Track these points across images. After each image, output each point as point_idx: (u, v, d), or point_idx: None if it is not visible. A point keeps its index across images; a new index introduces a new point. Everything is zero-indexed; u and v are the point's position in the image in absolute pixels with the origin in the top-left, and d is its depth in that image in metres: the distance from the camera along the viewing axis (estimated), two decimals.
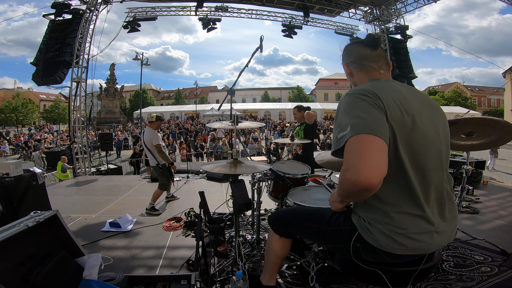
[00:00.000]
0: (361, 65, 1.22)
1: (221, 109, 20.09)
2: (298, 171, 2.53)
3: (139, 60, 19.08)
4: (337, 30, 10.64)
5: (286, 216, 1.49)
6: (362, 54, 1.22)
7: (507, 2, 7.40)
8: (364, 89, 1.03)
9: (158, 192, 4.13)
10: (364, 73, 1.22)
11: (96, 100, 26.77)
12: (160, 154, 4.04)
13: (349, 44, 1.31)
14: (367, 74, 1.21)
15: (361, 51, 1.23)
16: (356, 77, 1.26)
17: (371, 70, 1.21)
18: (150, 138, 4.02)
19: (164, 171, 4.10)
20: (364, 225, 1.11)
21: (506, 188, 5.23)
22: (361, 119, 0.95)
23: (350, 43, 1.31)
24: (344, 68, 1.32)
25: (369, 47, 1.22)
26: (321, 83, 46.35)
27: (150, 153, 4.09)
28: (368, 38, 1.23)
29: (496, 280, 2.05)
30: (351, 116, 0.97)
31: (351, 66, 1.26)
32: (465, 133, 2.65)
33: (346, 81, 38.36)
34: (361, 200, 1.11)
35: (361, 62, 1.22)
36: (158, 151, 4.02)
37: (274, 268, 1.65)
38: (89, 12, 7.23)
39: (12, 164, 2.98)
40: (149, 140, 4.02)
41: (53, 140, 18.30)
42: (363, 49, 1.22)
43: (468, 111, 10.63)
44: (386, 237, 1.05)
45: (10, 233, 1.37)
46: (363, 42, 1.24)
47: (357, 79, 1.25)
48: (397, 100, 1.02)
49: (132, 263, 2.45)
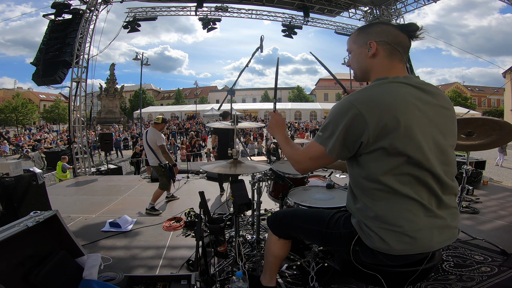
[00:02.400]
0: (394, 50, 1.09)
1: (221, 109, 20.08)
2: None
3: (139, 60, 19.12)
4: (337, 30, 10.64)
5: (285, 218, 1.47)
6: (401, 40, 1.10)
7: (507, 2, 7.39)
8: (362, 101, 0.99)
9: (159, 192, 4.15)
10: (389, 61, 1.10)
11: (96, 100, 26.75)
12: (164, 155, 4.10)
13: (384, 23, 1.16)
14: (391, 63, 1.10)
15: (400, 36, 1.10)
16: (378, 61, 1.11)
17: (398, 61, 1.10)
18: (154, 139, 4.06)
19: (166, 171, 4.14)
20: (363, 228, 1.10)
21: (506, 188, 5.23)
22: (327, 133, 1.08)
23: (385, 23, 1.17)
24: (363, 45, 1.13)
25: (409, 36, 1.12)
26: (321, 83, 46.33)
27: (152, 153, 4.12)
28: (412, 27, 1.11)
29: (496, 280, 2.05)
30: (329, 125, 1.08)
31: (381, 46, 1.09)
32: (465, 133, 2.65)
33: (347, 81, 38.13)
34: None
35: (396, 47, 1.09)
36: (162, 152, 4.08)
37: (274, 269, 1.65)
38: (89, 12, 7.22)
39: (12, 164, 2.98)
40: (153, 140, 4.06)
41: (53, 140, 18.29)
42: (403, 35, 1.10)
43: (468, 111, 10.65)
44: (386, 239, 1.04)
45: (10, 233, 1.37)
46: (405, 27, 1.12)
47: (377, 64, 1.11)
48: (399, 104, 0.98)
49: (132, 263, 2.45)
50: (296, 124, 22.88)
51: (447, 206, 1.08)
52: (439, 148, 1.04)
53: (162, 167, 4.12)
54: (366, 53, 1.12)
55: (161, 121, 4.23)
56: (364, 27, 1.17)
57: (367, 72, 1.15)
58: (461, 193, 2.87)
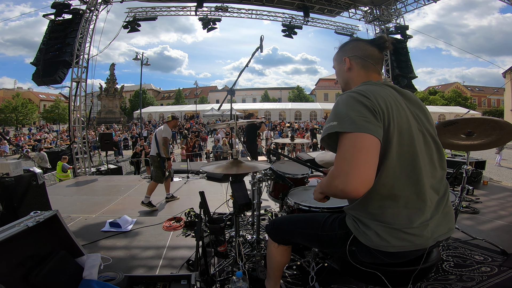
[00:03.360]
0: (365, 62, 1.22)
1: (221, 109, 20.11)
2: (298, 171, 2.53)
3: (139, 60, 19.11)
4: (337, 30, 10.64)
5: (282, 224, 1.49)
6: (370, 53, 1.23)
7: (507, 2, 7.39)
8: (363, 91, 1.04)
9: (153, 185, 4.31)
10: (365, 72, 1.22)
11: (96, 100, 26.78)
12: (163, 147, 4.30)
13: (356, 39, 1.31)
14: (367, 74, 1.22)
15: (369, 50, 1.23)
16: (354, 73, 1.24)
17: (372, 71, 1.22)
18: (162, 131, 4.35)
19: (161, 163, 4.35)
20: (358, 227, 1.12)
21: (506, 188, 5.23)
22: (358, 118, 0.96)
23: (356, 39, 1.31)
24: (341, 61, 1.28)
25: (378, 48, 1.24)
26: (321, 83, 46.35)
27: (155, 145, 4.37)
28: (380, 40, 1.25)
29: (496, 280, 2.05)
30: (350, 111, 0.98)
31: (354, 61, 1.24)
32: (465, 133, 2.65)
33: None
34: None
35: (366, 59, 1.22)
36: (162, 143, 4.29)
37: (278, 274, 1.66)
38: (89, 12, 7.23)
39: (12, 164, 2.98)
40: (160, 133, 4.35)
41: (53, 140, 18.30)
42: (372, 48, 1.23)
43: (468, 111, 10.69)
44: (382, 235, 1.05)
45: (10, 233, 1.37)
46: (374, 42, 1.25)
47: (354, 76, 1.24)
48: (390, 103, 1.04)
49: (132, 263, 2.45)
50: (296, 124, 22.86)
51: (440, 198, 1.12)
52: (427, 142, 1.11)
53: (158, 156, 4.33)
54: (343, 68, 1.27)
55: (171, 118, 4.58)
56: (341, 46, 1.32)
57: (348, 84, 1.27)
58: (461, 193, 2.87)
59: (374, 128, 0.94)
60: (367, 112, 0.98)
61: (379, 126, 0.97)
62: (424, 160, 1.07)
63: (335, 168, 0.95)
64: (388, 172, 1.02)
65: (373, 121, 0.96)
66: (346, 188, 0.90)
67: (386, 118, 1.00)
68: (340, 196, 0.96)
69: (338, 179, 0.92)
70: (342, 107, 1.02)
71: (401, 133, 1.03)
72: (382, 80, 1.22)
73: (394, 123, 1.01)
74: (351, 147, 0.92)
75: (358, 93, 1.03)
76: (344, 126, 0.95)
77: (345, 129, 0.95)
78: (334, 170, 0.96)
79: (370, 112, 0.98)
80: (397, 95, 1.11)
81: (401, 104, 1.08)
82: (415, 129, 1.08)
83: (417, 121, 1.10)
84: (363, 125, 0.93)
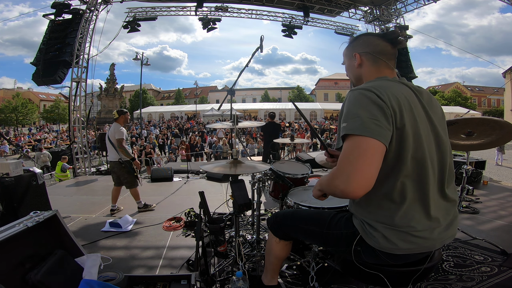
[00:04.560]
0: (376, 59, 1.17)
1: (221, 109, 20.09)
2: (298, 171, 2.53)
3: (139, 60, 19.09)
4: (337, 30, 10.65)
5: (285, 219, 1.46)
6: (382, 48, 1.18)
7: (507, 2, 7.39)
8: (376, 88, 0.99)
9: (134, 191, 4.03)
10: (376, 68, 1.18)
11: (96, 100, 26.79)
12: (120, 149, 3.88)
13: (367, 34, 1.26)
14: (378, 70, 1.17)
15: (381, 45, 1.18)
16: (365, 69, 1.20)
17: (384, 67, 1.17)
18: (113, 133, 3.92)
19: (126, 167, 3.96)
20: (366, 229, 1.10)
21: (506, 188, 5.23)
22: (369, 119, 0.93)
23: (367, 34, 1.27)
24: (351, 57, 1.23)
25: (391, 43, 1.18)
26: (321, 83, 46.32)
27: (112, 148, 3.94)
28: (392, 34, 1.19)
29: (496, 280, 2.05)
30: (361, 110, 0.95)
31: (364, 57, 1.19)
32: (465, 133, 2.65)
33: (347, 81, 37.72)
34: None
35: (378, 55, 1.17)
36: (118, 146, 3.87)
37: (275, 269, 1.65)
38: (89, 12, 7.23)
39: (12, 164, 2.98)
40: (112, 134, 3.93)
41: (53, 140, 18.29)
42: (384, 43, 1.18)
43: (468, 111, 10.69)
44: (390, 238, 1.04)
45: (10, 233, 1.37)
46: (386, 36, 1.20)
47: (365, 72, 1.20)
48: (404, 103, 1.00)
49: (132, 263, 2.45)
50: (296, 125, 22.85)
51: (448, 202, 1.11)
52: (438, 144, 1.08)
53: (121, 163, 3.94)
54: (354, 64, 1.23)
55: (117, 115, 4.07)
56: (351, 40, 1.28)
57: (361, 79, 1.23)
58: (461, 193, 2.88)
59: (383, 132, 0.92)
60: (379, 112, 0.94)
61: (388, 129, 0.94)
62: (434, 163, 1.05)
63: (338, 168, 0.94)
64: (398, 175, 1.01)
65: (383, 124, 0.93)
66: (346, 189, 0.90)
67: (399, 119, 0.97)
68: (339, 195, 0.96)
69: (340, 179, 0.92)
70: (353, 105, 0.99)
71: (412, 135, 1.00)
72: (397, 77, 1.17)
73: (406, 124, 0.98)
74: (356, 149, 0.91)
75: (370, 90, 0.99)
76: (353, 127, 0.94)
77: (353, 132, 0.93)
78: (336, 169, 0.95)
79: (382, 113, 0.94)
80: (411, 94, 1.07)
81: (415, 105, 1.05)
82: (427, 131, 1.05)
83: (430, 122, 1.07)
84: (373, 128, 0.91)
